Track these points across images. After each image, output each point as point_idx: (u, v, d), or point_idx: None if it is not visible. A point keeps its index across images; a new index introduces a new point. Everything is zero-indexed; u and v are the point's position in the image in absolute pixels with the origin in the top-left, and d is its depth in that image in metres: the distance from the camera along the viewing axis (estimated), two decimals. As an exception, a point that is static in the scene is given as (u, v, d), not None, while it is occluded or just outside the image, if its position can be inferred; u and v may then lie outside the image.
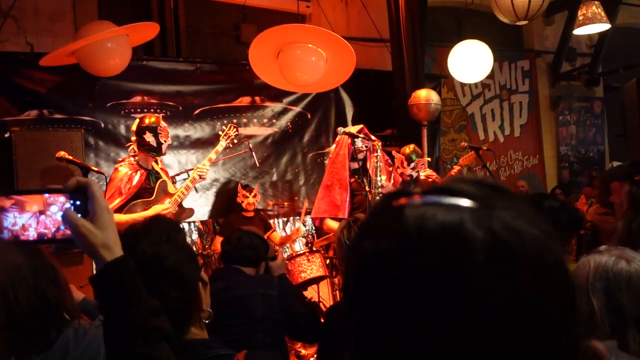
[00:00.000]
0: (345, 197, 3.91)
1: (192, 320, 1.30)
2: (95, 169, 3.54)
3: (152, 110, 5.34)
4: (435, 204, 0.49)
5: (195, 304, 1.30)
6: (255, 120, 5.88)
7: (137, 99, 5.31)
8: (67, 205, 0.95)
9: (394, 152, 4.28)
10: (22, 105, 4.77)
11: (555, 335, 0.46)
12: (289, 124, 6.03)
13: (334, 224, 3.85)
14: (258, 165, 5.10)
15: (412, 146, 4.32)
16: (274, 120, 5.97)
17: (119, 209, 3.40)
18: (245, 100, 5.83)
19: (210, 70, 5.71)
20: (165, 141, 3.63)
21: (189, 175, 4.36)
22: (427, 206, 0.49)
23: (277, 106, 5.98)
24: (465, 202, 0.48)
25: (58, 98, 4.92)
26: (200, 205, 5.37)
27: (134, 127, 3.67)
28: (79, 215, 0.94)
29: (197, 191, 4.94)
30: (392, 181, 4.10)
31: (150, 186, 3.60)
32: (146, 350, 0.92)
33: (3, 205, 0.94)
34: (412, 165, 4.18)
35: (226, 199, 5.57)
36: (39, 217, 0.96)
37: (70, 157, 3.44)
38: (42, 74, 4.78)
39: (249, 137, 5.59)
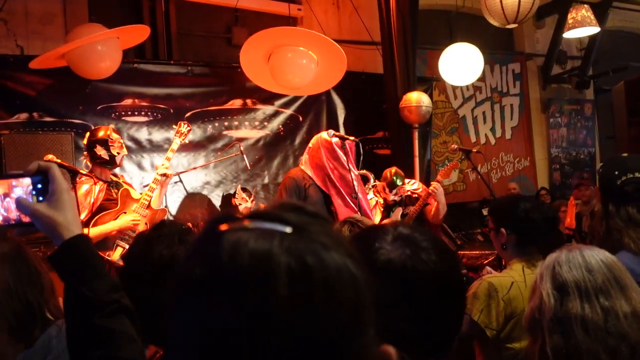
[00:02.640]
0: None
1: None
2: (84, 172, 3.52)
3: (142, 113, 5.33)
4: (252, 230, 0.52)
5: None
6: (246, 123, 5.87)
7: (128, 101, 5.30)
8: (30, 187, 0.98)
9: (369, 177, 4.25)
10: (11, 108, 4.75)
11: (344, 342, 0.50)
12: (280, 126, 6.03)
13: None
14: (249, 167, 5.09)
15: (393, 170, 4.22)
16: (266, 123, 5.97)
17: (86, 224, 3.36)
18: (236, 103, 5.82)
19: (202, 73, 5.71)
20: (118, 153, 3.57)
21: (180, 179, 4.35)
22: (243, 232, 0.52)
23: (269, 109, 5.98)
24: (280, 228, 0.52)
25: (48, 101, 4.90)
26: (192, 208, 5.36)
27: (85, 141, 3.62)
28: (40, 197, 0.98)
29: (187, 192, 4.94)
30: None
31: (112, 197, 3.55)
32: (105, 323, 0.94)
33: None
34: (395, 191, 4.14)
35: (218, 202, 5.56)
36: (3, 200, 0.98)
37: (59, 160, 3.41)
38: (32, 77, 4.76)
39: (241, 139, 5.59)
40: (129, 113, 5.30)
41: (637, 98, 6.01)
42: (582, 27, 6.11)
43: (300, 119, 6.16)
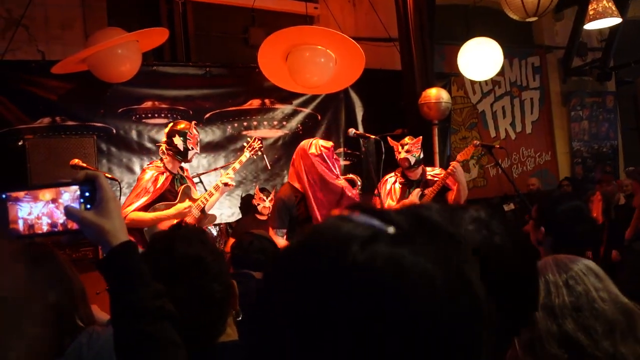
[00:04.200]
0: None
1: (228, 316, 1.35)
2: (109, 175, 3.58)
3: (162, 115, 5.37)
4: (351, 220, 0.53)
5: (232, 300, 1.35)
6: (265, 123, 5.88)
7: (148, 104, 5.34)
8: (77, 193, 1.00)
9: (390, 140, 4.17)
10: (34, 113, 4.82)
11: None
12: (299, 125, 6.03)
13: None
14: (269, 167, 5.10)
15: (407, 137, 4.21)
16: (284, 123, 5.98)
17: (144, 208, 3.48)
18: (255, 103, 5.84)
19: (220, 74, 5.73)
20: (192, 148, 3.68)
21: (200, 180, 4.38)
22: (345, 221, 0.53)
23: (287, 108, 5.98)
24: (382, 227, 0.51)
25: (70, 105, 4.96)
26: (212, 209, 5.39)
27: (166, 130, 3.74)
28: (88, 205, 1.00)
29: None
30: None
31: (174, 189, 3.66)
32: (151, 329, 0.96)
33: (17, 196, 0.99)
34: (406, 147, 4.06)
35: (238, 202, 5.58)
36: (51, 206, 1.00)
37: (84, 164, 3.48)
38: (53, 82, 4.82)
39: (260, 139, 5.60)
40: (149, 115, 5.34)
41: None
42: (603, 18, 6.00)
43: (319, 117, 6.15)
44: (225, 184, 3.75)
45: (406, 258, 0.49)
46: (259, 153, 4.17)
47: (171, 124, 3.78)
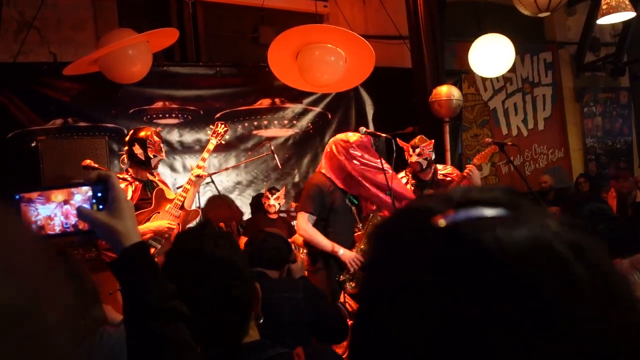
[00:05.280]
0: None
1: (251, 317, 1.36)
2: (120, 175, 3.58)
3: (173, 115, 5.39)
4: (495, 219, 0.45)
5: (255, 302, 1.36)
6: (275, 122, 5.88)
7: (159, 104, 5.36)
8: (89, 193, 1.00)
9: (400, 142, 4.13)
10: (46, 114, 4.86)
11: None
12: (309, 124, 6.03)
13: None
14: (280, 166, 5.10)
15: (418, 137, 4.15)
16: (295, 122, 5.97)
17: None
18: (265, 102, 5.84)
19: (230, 74, 5.74)
20: (154, 156, 3.57)
21: (212, 180, 4.38)
22: (487, 221, 0.45)
23: (297, 107, 5.98)
24: (497, 212, 0.45)
25: (82, 106, 5.00)
26: (224, 208, 5.40)
27: (126, 138, 3.65)
28: (100, 205, 1.00)
29: (219, 192, 4.97)
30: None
31: (147, 196, 3.57)
32: (164, 330, 0.96)
33: (30, 197, 0.99)
34: (418, 151, 4.02)
35: (249, 201, 5.59)
36: (63, 207, 1.00)
37: (96, 165, 3.50)
38: (65, 83, 4.86)
39: (270, 139, 5.60)
40: (160, 116, 5.36)
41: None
42: (616, 13, 5.93)
43: (329, 116, 6.13)
44: (198, 176, 3.65)
45: (544, 236, 0.43)
46: (227, 137, 4.05)
47: (131, 131, 3.68)
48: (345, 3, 6.39)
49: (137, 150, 3.54)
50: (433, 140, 4.15)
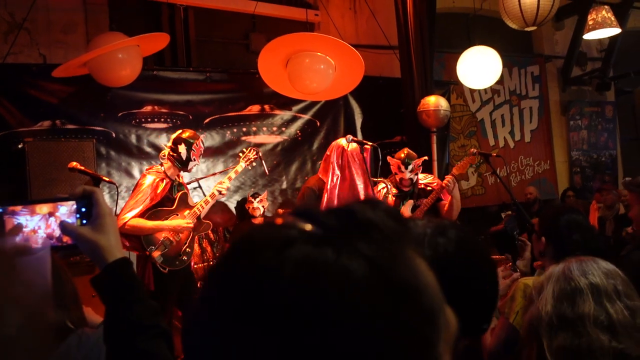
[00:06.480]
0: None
1: None
2: (107, 179, 3.57)
3: (162, 119, 5.39)
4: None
5: None
6: (264, 129, 5.90)
7: (148, 108, 5.36)
8: (74, 207, 1.00)
9: (388, 158, 4.16)
10: (35, 116, 4.84)
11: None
12: (298, 131, 6.05)
13: None
14: (268, 173, 5.11)
15: (405, 150, 4.16)
16: (284, 128, 6.00)
17: (143, 214, 3.51)
18: (254, 109, 5.86)
19: (220, 79, 5.75)
20: (194, 159, 3.70)
21: (199, 185, 4.39)
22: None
23: (287, 114, 6.01)
24: (306, 227, 0.47)
25: (70, 109, 4.98)
26: (212, 214, 5.39)
27: (173, 136, 3.76)
28: (84, 220, 1.00)
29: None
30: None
31: (172, 196, 3.68)
32: (145, 346, 0.95)
33: (14, 210, 0.99)
34: (410, 167, 4.05)
35: (236, 208, 5.60)
36: (48, 219, 1.00)
37: (82, 168, 3.47)
38: (54, 85, 4.84)
39: (259, 145, 5.62)
40: (149, 120, 5.36)
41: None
42: (602, 28, 6.05)
43: (318, 124, 6.17)
44: (219, 192, 3.77)
45: (323, 257, 0.44)
46: (254, 164, 4.18)
47: (179, 130, 3.80)
48: (336, 12, 6.45)
49: (182, 149, 3.64)
50: (425, 158, 4.18)
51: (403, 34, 5.65)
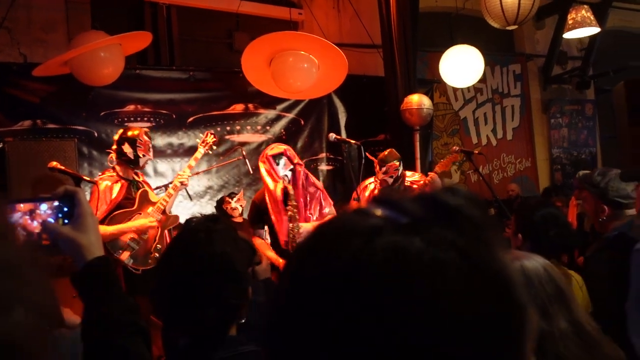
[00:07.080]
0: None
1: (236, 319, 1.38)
2: (88, 178, 3.54)
3: (145, 118, 5.36)
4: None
5: (244, 306, 1.38)
6: (248, 127, 5.90)
7: (131, 107, 5.33)
8: (55, 206, 1.01)
9: (370, 156, 4.16)
10: (15, 115, 4.78)
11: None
12: (282, 130, 6.06)
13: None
14: (252, 172, 5.10)
15: (386, 152, 4.16)
16: (268, 127, 6.00)
17: (102, 221, 3.39)
18: (238, 108, 5.85)
19: (204, 78, 5.74)
20: (143, 155, 3.59)
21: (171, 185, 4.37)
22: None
23: (271, 113, 6.01)
24: (392, 217, 0.46)
25: (51, 108, 4.93)
26: (194, 213, 5.37)
27: (116, 137, 3.65)
28: (66, 220, 1.01)
29: (191, 199, 4.95)
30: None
31: (131, 196, 3.58)
32: (123, 343, 0.97)
33: None
34: (384, 169, 4.05)
35: (216, 207, 5.58)
36: (28, 217, 1.00)
37: (62, 167, 3.43)
38: (35, 84, 4.79)
39: (243, 144, 5.61)
40: (132, 119, 5.33)
41: (638, 97, 6.01)
42: (582, 28, 6.13)
43: (302, 122, 6.18)
44: (182, 183, 3.68)
45: (413, 247, 0.43)
46: (214, 147, 4.07)
47: (121, 130, 3.69)
48: (320, 11, 6.45)
49: (127, 149, 3.55)
50: (399, 163, 4.14)
51: (386, 33, 5.68)
